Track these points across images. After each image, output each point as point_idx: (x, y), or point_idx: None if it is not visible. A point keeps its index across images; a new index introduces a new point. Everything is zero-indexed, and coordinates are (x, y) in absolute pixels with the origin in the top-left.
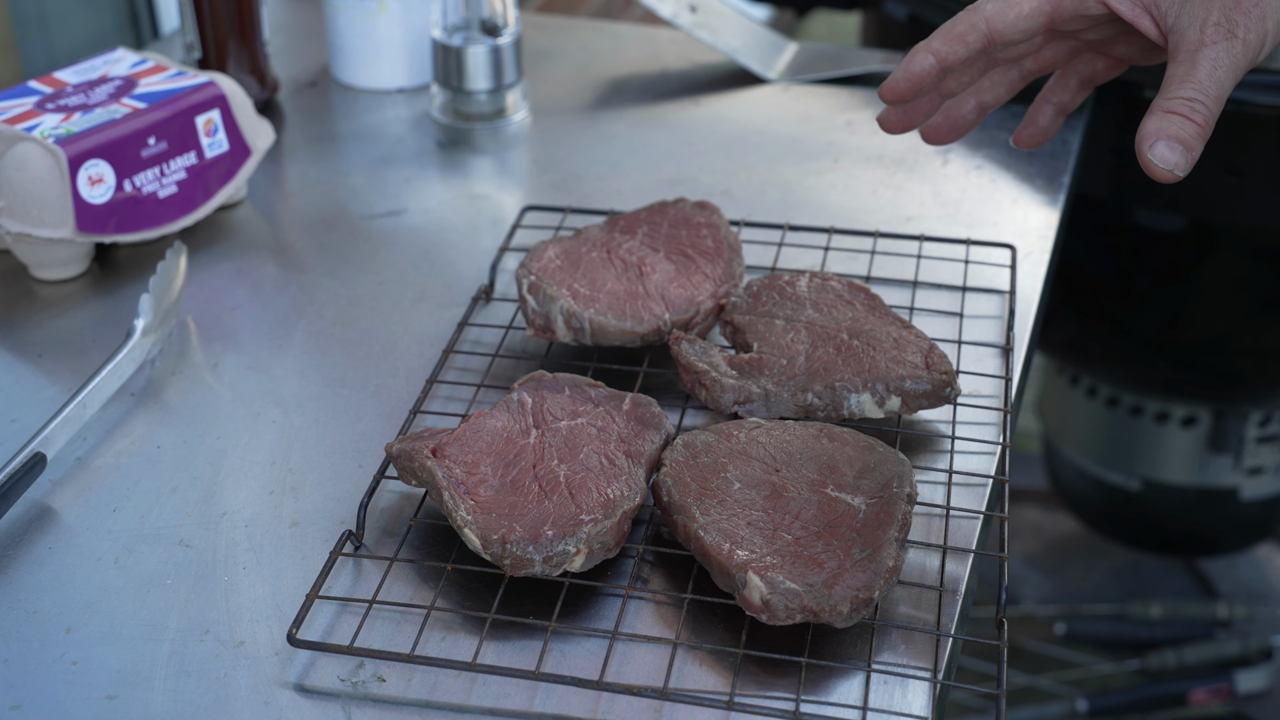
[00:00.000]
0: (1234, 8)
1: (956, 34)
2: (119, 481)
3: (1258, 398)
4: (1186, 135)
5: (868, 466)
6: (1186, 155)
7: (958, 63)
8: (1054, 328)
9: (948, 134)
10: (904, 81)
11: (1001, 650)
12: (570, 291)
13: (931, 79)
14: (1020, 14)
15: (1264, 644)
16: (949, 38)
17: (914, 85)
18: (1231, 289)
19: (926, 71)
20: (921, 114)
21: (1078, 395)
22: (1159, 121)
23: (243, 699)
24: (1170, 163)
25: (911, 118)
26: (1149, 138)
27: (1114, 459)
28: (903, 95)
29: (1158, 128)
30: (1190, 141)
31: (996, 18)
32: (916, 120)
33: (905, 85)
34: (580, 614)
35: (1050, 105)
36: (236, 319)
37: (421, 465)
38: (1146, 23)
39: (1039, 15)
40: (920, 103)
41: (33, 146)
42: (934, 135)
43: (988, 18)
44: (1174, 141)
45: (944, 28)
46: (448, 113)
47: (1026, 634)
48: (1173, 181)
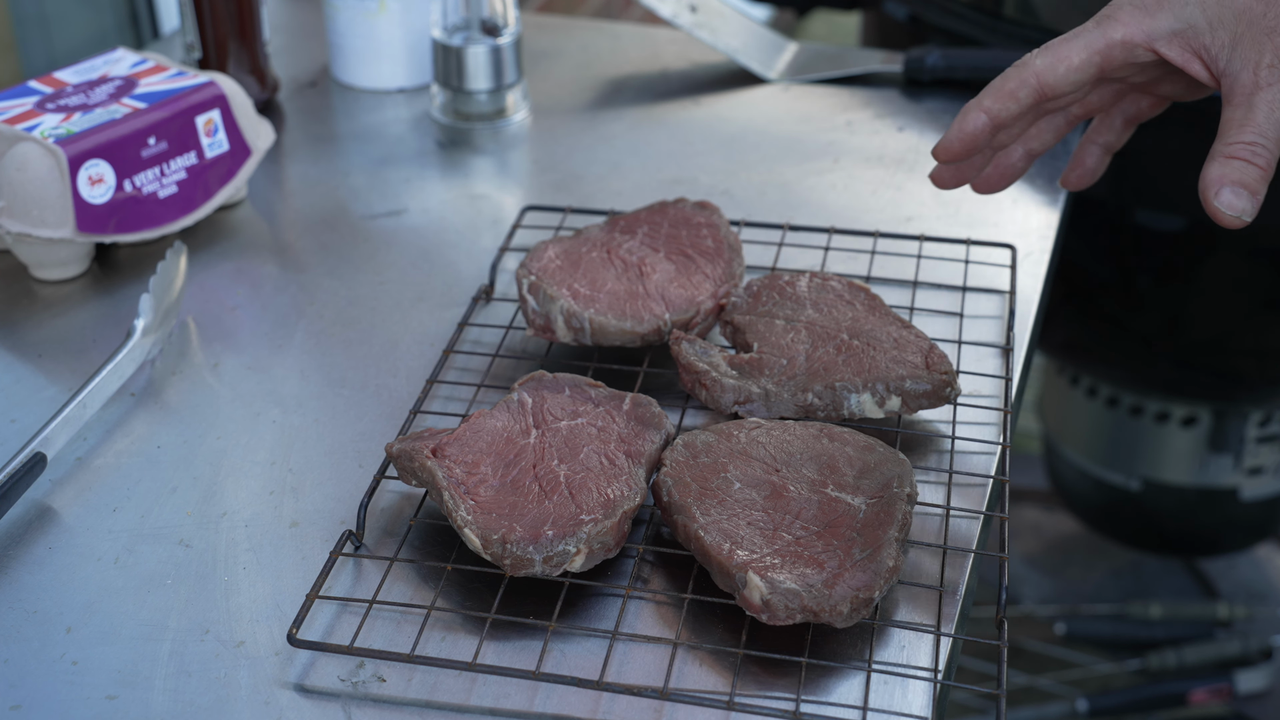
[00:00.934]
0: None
1: (1008, 91)
2: (119, 481)
3: (1258, 398)
4: (1250, 180)
5: (868, 466)
6: (1252, 200)
7: (1010, 119)
8: (1054, 328)
9: (998, 183)
10: (958, 142)
11: (1001, 650)
12: (570, 291)
13: (985, 137)
14: (1071, 66)
15: (1264, 644)
16: (1000, 95)
17: (968, 145)
18: (1231, 289)
19: (980, 130)
20: (974, 169)
21: (1078, 395)
22: (1222, 168)
23: (243, 699)
24: (1237, 209)
25: (964, 173)
26: (1214, 185)
27: (1114, 459)
28: (958, 155)
29: (1221, 174)
30: (1255, 185)
31: (1047, 72)
32: (969, 175)
33: (960, 145)
34: (580, 614)
35: (1097, 146)
36: (236, 319)
37: (422, 465)
38: (1198, 67)
39: (1090, 67)
40: (972, 159)
41: (33, 146)
42: (985, 186)
43: (1038, 73)
44: (1239, 187)
45: (994, 85)
46: (448, 113)
47: (1027, 634)
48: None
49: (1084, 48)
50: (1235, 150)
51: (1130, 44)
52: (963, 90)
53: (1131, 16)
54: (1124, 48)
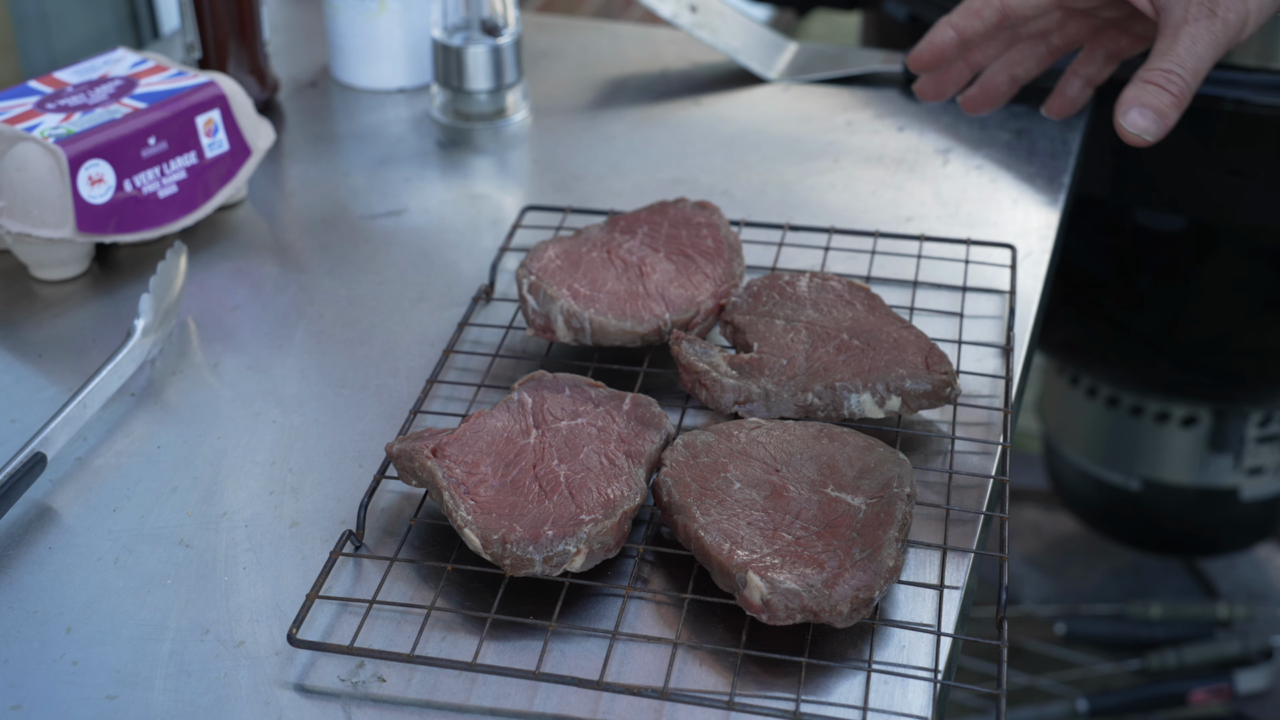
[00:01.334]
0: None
1: (974, 9)
2: (119, 481)
3: (1258, 398)
4: (1160, 104)
5: (868, 466)
6: (1159, 122)
7: (976, 36)
8: (1054, 328)
9: (984, 104)
10: (927, 52)
11: (1002, 650)
12: (570, 291)
13: (952, 50)
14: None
15: (1264, 644)
16: (967, 13)
17: (936, 55)
18: (1232, 289)
19: (947, 43)
20: (953, 83)
21: (1078, 395)
22: (1136, 90)
23: (243, 699)
24: (1140, 128)
25: (943, 86)
26: (1125, 104)
27: (1114, 459)
28: (926, 64)
29: (1134, 95)
30: (1164, 110)
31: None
32: (948, 89)
33: (929, 55)
34: (580, 614)
35: (1078, 78)
36: (237, 319)
37: (422, 465)
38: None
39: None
40: (950, 72)
41: (33, 146)
42: (971, 104)
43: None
44: (1146, 109)
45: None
46: (448, 113)
47: (1027, 634)
48: (1143, 145)
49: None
50: (1152, 75)
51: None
52: None
53: None
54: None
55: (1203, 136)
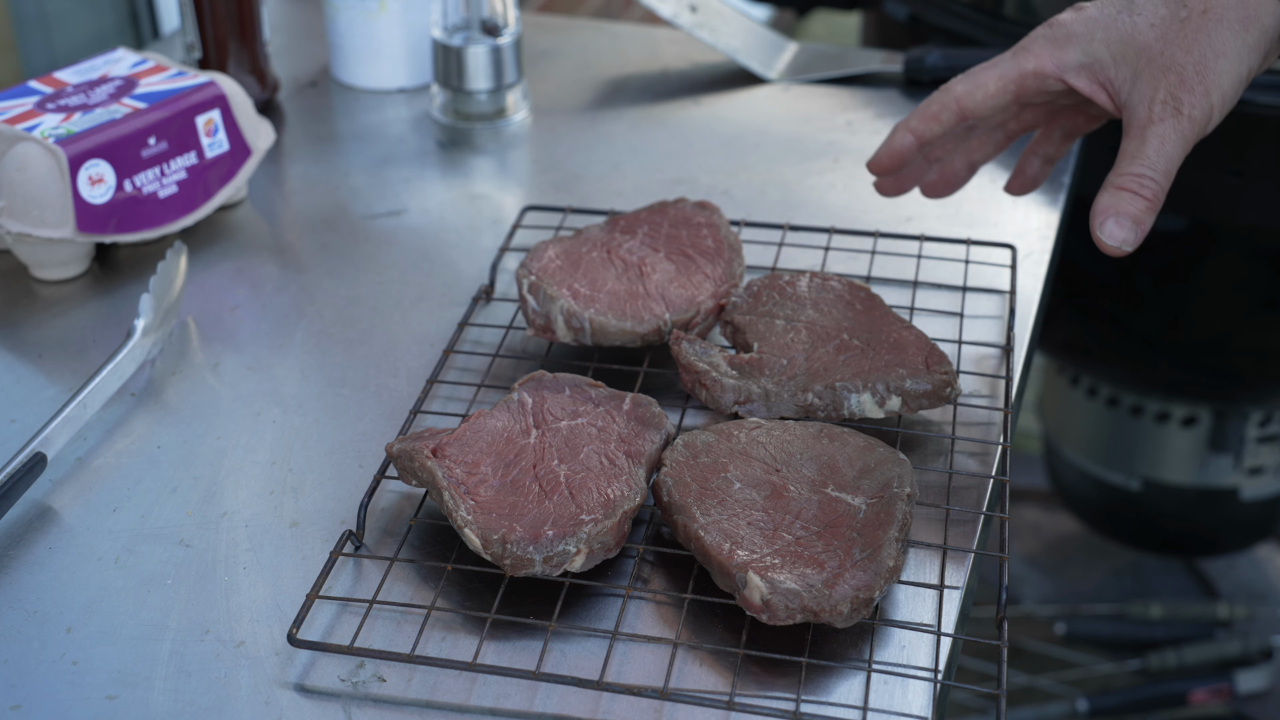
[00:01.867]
0: (1179, 86)
1: (931, 113)
2: (119, 481)
3: (1258, 398)
4: (1136, 210)
5: (868, 466)
6: (1135, 230)
7: (934, 138)
8: (1054, 328)
9: (942, 189)
10: (887, 157)
11: (1002, 650)
12: (570, 291)
13: (911, 153)
14: (988, 93)
15: (1264, 644)
16: (925, 117)
17: (896, 160)
18: (1231, 289)
19: (906, 148)
20: (912, 179)
21: (1078, 395)
22: (1110, 198)
23: (243, 699)
24: (1118, 239)
25: (903, 183)
26: (1100, 214)
27: (1114, 459)
28: (887, 169)
29: (1108, 204)
30: (1139, 216)
31: (966, 97)
32: (908, 185)
33: (889, 160)
34: (580, 614)
35: (1037, 157)
36: (237, 319)
37: (422, 465)
38: (1104, 98)
39: (1005, 94)
40: (910, 169)
41: (33, 146)
42: (931, 191)
43: (958, 97)
44: (1123, 218)
45: (920, 107)
46: (448, 113)
47: (1027, 634)
48: (1122, 256)
49: (999, 76)
50: (1124, 181)
51: (1042, 74)
52: None
53: (1044, 49)
54: (1036, 77)
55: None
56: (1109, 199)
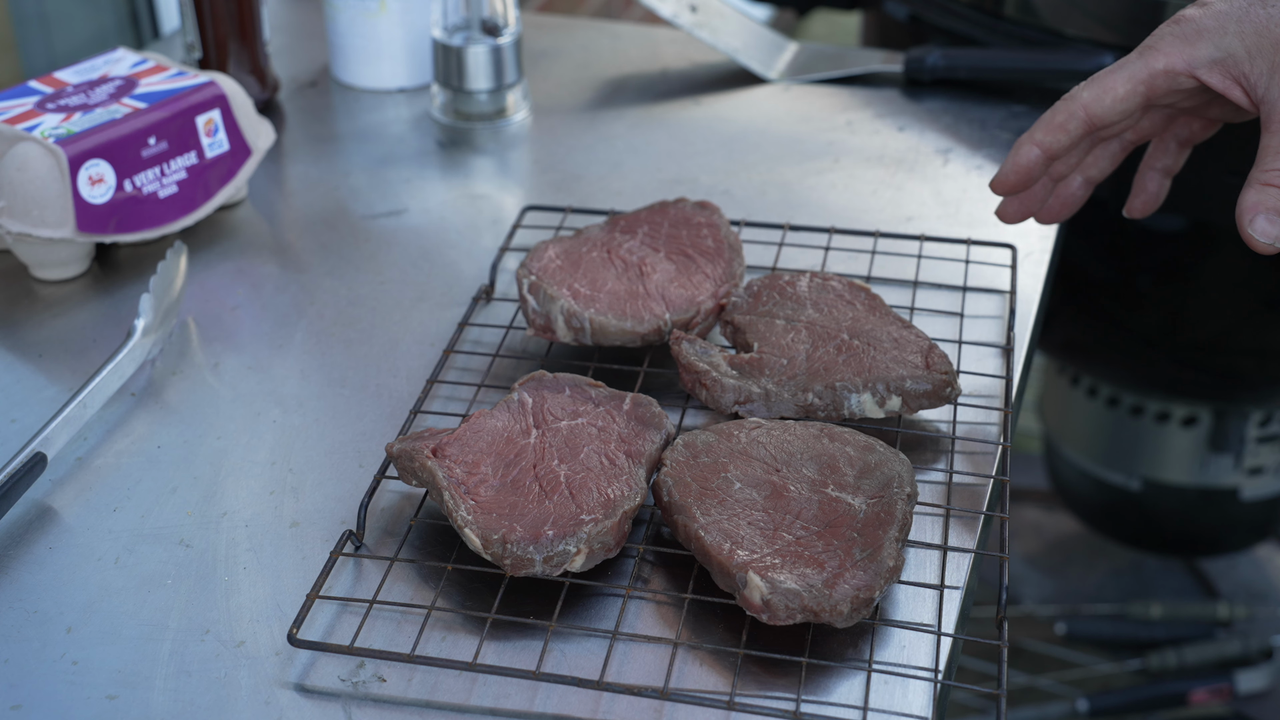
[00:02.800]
0: None
1: (1057, 124)
2: (119, 481)
3: (1258, 398)
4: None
5: (868, 466)
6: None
7: (1061, 151)
8: (1054, 328)
9: (1060, 213)
10: (1013, 174)
11: (1002, 650)
12: (571, 291)
13: (1039, 169)
14: (1117, 97)
15: (1264, 644)
16: (1051, 128)
17: (1023, 178)
18: (1232, 289)
19: (1034, 162)
20: (1036, 200)
21: (1078, 395)
22: (1258, 195)
23: (243, 699)
24: (1271, 236)
25: (1028, 205)
26: (1249, 212)
27: (1114, 459)
28: (1013, 188)
29: (1256, 201)
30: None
31: (1094, 103)
32: (1033, 206)
33: (1015, 178)
34: (581, 614)
35: (1156, 172)
36: (237, 319)
37: (422, 465)
38: (1238, 93)
39: (1135, 96)
40: (1034, 189)
41: (33, 146)
42: (1048, 216)
43: (1085, 105)
44: (1274, 214)
45: (1044, 119)
46: (448, 112)
47: (1027, 634)
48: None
49: (1128, 78)
50: (1271, 177)
51: (1173, 73)
52: (963, 90)
53: (1173, 46)
54: (1167, 76)
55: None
56: (1256, 195)
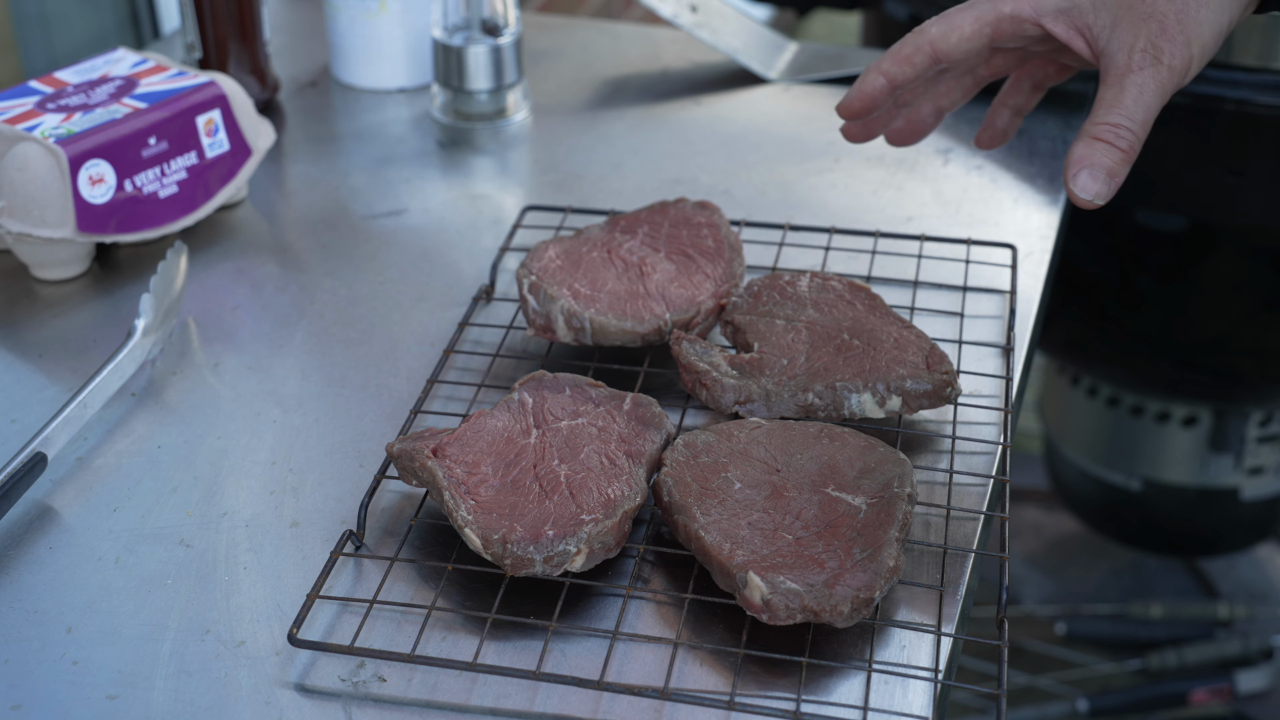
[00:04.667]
0: (1159, 34)
1: (904, 55)
2: (120, 481)
3: (1258, 398)
4: (1111, 162)
5: (868, 466)
6: (1109, 183)
7: (907, 81)
8: (1055, 327)
9: (909, 136)
10: (858, 100)
11: (1002, 650)
12: (571, 291)
13: (883, 97)
14: (962, 36)
15: (1265, 644)
16: (897, 59)
17: (867, 103)
18: (1232, 289)
19: (878, 90)
20: (881, 124)
21: (1078, 395)
22: (1085, 148)
23: (243, 699)
24: (1091, 191)
25: (871, 128)
26: (1075, 165)
27: (1115, 459)
28: (858, 113)
29: (1083, 155)
30: (1114, 168)
31: (940, 40)
32: (877, 130)
33: (860, 104)
34: (581, 614)
35: (1006, 108)
36: (237, 319)
37: (422, 465)
38: (1080, 44)
39: (980, 36)
40: (879, 115)
41: (33, 146)
42: (896, 138)
43: (932, 40)
44: (1098, 169)
45: (893, 49)
46: (448, 113)
47: (1027, 634)
48: (1093, 208)
49: (975, 19)
50: (1100, 131)
51: (1018, 18)
52: None
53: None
54: (1012, 21)
55: (1203, 136)
56: (1083, 149)
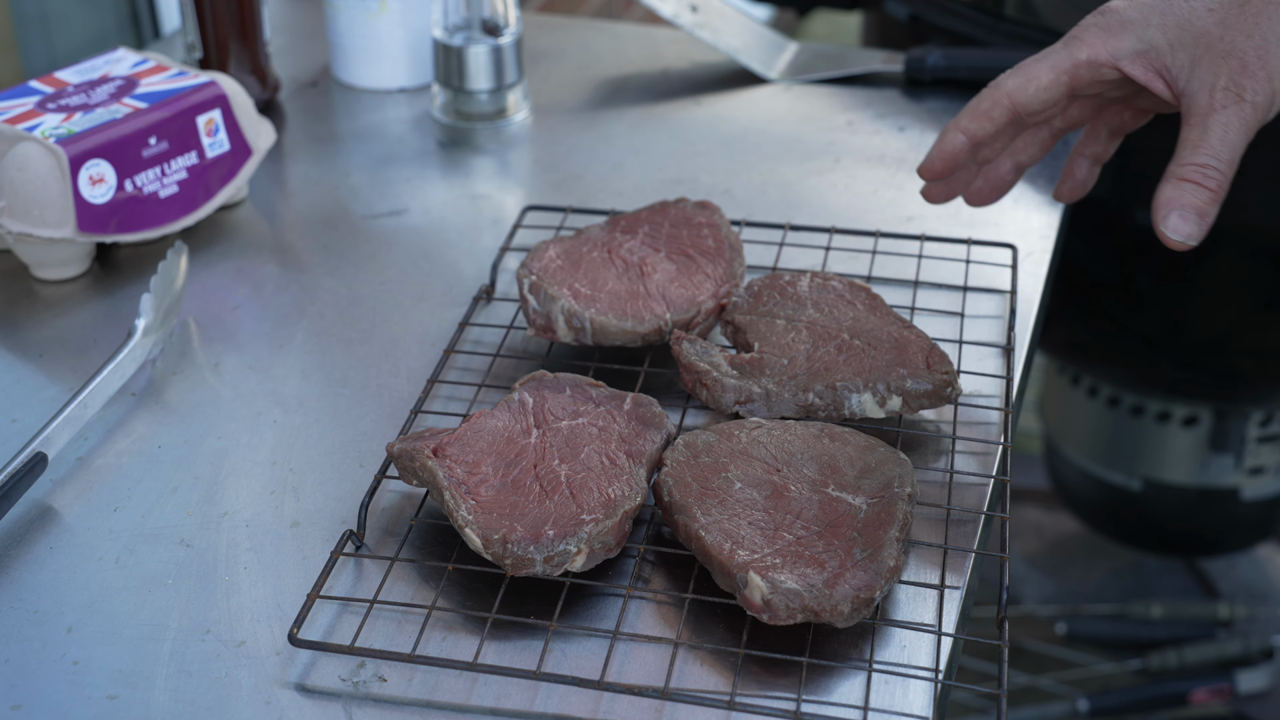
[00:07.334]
0: (1240, 72)
1: (982, 111)
2: (120, 481)
3: (1259, 398)
4: (1200, 202)
5: (869, 466)
6: (1200, 224)
7: (987, 137)
8: (1055, 327)
9: (989, 195)
10: (939, 160)
11: (1002, 650)
12: (571, 291)
13: (964, 155)
14: (1040, 86)
15: (1265, 644)
16: (976, 115)
17: (949, 163)
18: (1232, 289)
19: (959, 149)
20: (962, 183)
21: (1079, 395)
22: (1173, 190)
23: (244, 699)
24: (1183, 233)
25: (953, 188)
26: (1164, 208)
27: (1115, 459)
28: (940, 173)
29: (1171, 196)
30: (1204, 208)
31: (1018, 91)
32: (958, 189)
33: (941, 164)
34: (581, 614)
35: (1085, 159)
36: (237, 319)
37: (422, 465)
38: (1160, 85)
39: (1058, 85)
40: (959, 174)
41: (34, 146)
42: (976, 198)
43: (1010, 93)
44: (1188, 210)
45: (970, 105)
46: (449, 112)
47: (1027, 634)
48: (1185, 250)
49: (1052, 68)
50: (1187, 172)
51: (1096, 63)
52: (964, 90)
53: (1096, 37)
54: (1090, 67)
55: None
56: (1171, 191)
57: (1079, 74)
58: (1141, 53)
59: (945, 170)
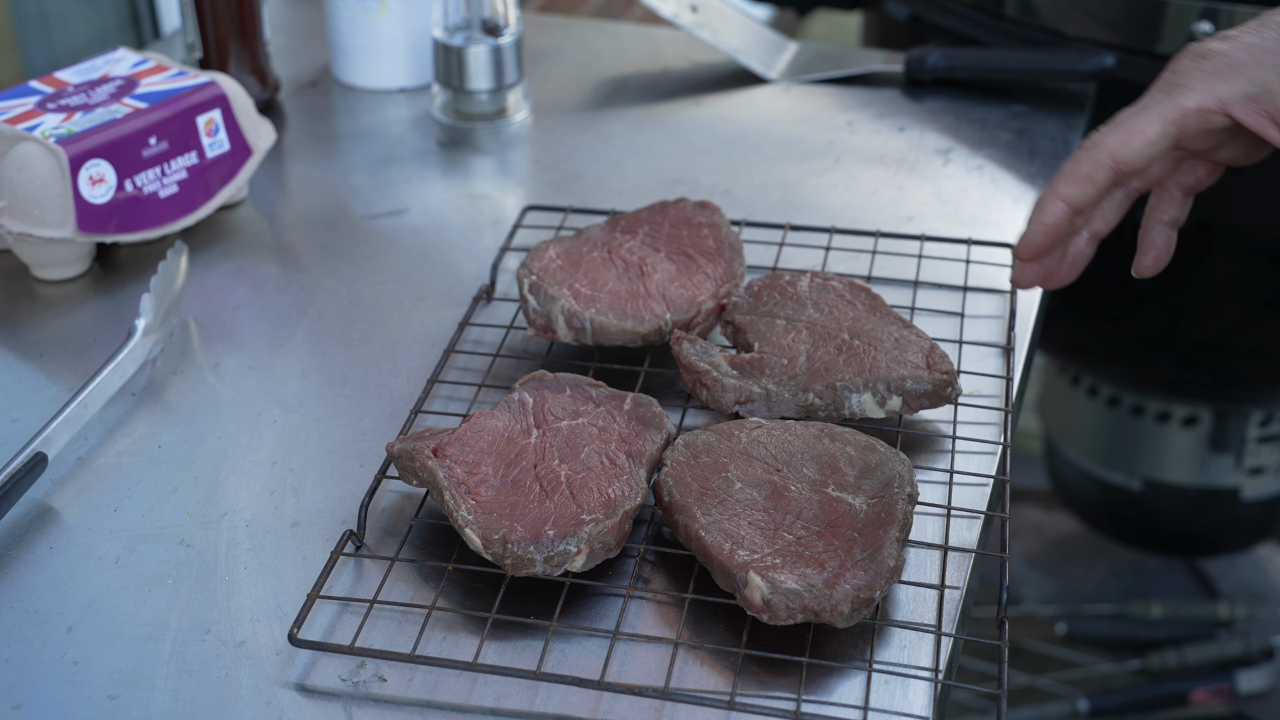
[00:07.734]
0: None
1: (1083, 174)
2: (120, 481)
3: (1259, 398)
4: None
5: (869, 466)
6: None
7: (1089, 204)
8: (1055, 327)
9: (1069, 274)
10: (1041, 235)
11: (1002, 650)
12: (571, 291)
13: (1066, 226)
14: (1146, 140)
15: (1265, 644)
16: (1076, 179)
17: (1051, 236)
18: (1232, 289)
19: (1060, 219)
20: (1056, 260)
21: (1079, 395)
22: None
23: (244, 699)
24: None
25: (1049, 267)
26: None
27: (1115, 459)
28: (1042, 250)
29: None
30: None
31: (1121, 149)
32: (1054, 268)
33: (1043, 238)
34: (581, 614)
35: (1163, 225)
36: (237, 319)
37: (422, 465)
38: (1273, 131)
39: (1165, 138)
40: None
41: (34, 146)
42: (1057, 281)
43: (1113, 151)
44: None
45: (1067, 170)
46: (449, 112)
47: (1027, 634)
48: None
49: (1158, 118)
50: None
51: (1205, 111)
52: (963, 90)
53: (1202, 82)
54: (1199, 115)
55: None
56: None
57: (1187, 124)
58: (1254, 97)
59: (1047, 246)
